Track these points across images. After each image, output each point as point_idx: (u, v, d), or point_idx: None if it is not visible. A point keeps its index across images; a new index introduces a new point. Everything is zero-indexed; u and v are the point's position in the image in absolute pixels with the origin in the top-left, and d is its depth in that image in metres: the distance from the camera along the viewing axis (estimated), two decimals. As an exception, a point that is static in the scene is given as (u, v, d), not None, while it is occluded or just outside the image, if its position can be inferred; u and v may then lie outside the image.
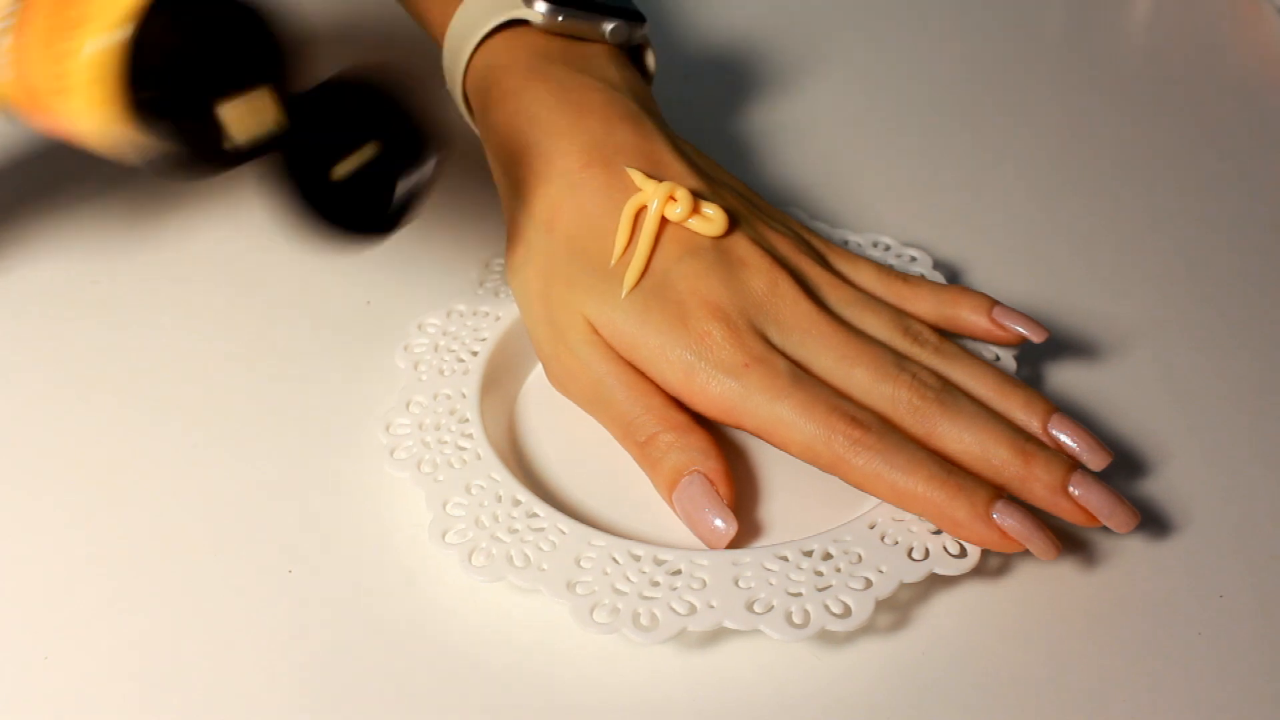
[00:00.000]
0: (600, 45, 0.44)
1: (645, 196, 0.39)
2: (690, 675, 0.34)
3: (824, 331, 0.37)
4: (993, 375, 0.38)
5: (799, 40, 0.62)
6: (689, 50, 0.61)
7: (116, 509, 0.39)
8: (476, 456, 0.38)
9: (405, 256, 0.46)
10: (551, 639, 0.35)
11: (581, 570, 0.35)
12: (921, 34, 0.63)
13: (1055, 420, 0.37)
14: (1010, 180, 0.53)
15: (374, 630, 0.35)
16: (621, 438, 0.39)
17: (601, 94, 0.42)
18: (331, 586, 0.36)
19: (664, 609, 0.34)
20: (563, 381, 0.40)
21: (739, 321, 0.37)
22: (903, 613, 0.36)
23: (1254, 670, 0.34)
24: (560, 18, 0.43)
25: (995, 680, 0.34)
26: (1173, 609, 0.36)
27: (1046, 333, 0.40)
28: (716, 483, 0.37)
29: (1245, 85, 0.58)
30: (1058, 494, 0.35)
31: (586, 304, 0.39)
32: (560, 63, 0.43)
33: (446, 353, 0.42)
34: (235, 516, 0.38)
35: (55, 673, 0.34)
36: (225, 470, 0.40)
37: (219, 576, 0.37)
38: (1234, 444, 0.40)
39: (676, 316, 0.38)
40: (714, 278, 0.38)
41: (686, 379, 0.37)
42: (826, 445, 0.36)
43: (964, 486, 0.35)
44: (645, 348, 0.38)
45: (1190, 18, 0.63)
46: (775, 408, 0.36)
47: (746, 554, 0.35)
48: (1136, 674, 0.34)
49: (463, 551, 0.35)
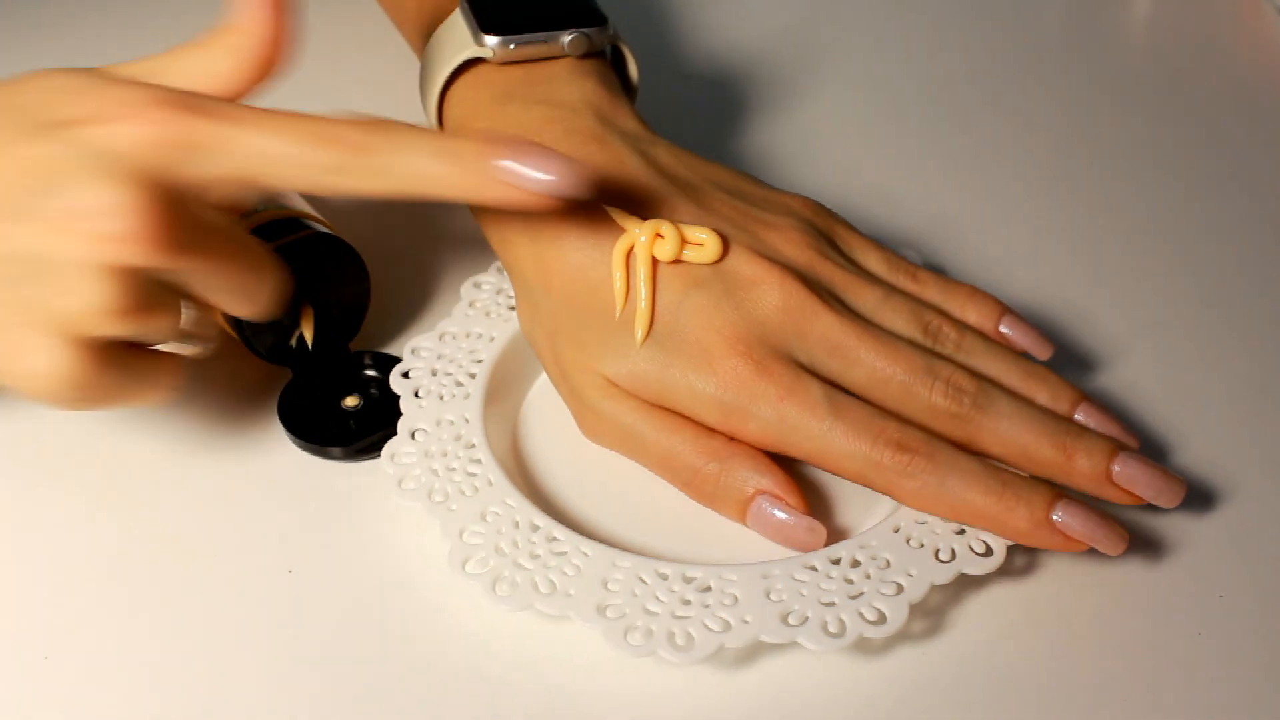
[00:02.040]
0: (562, 62, 0.43)
1: (631, 237, 0.37)
2: (726, 689, 0.34)
3: (849, 344, 0.37)
4: (1017, 365, 0.38)
5: (798, 40, 0.61)
6: (689, 53, 0.60)
7: (116, 509, 0.38)
8: (488, 482, 0.37)
9: (393, 279, 0.45)
10: (579, 661, 0.34)
11: (610, 593, 0.34)
12: (921, 33, 0.63)
13: (1083, 409, 0.37)
14: (1010, 180, 0.53)
15: (399, 664, 0.34)
16: (669, 479, 0.38)
17: (560, 124, 0.40)
18: (347, 619, 0.36)
19: (698, 627, 0.33)
20: (593, 433, 0.39)
21: (762, 351, 0.36)
22: (929, 615, 0.36)
23: (1254, 670, 0.34)
24: (512, 46, 0.42)
25: (998, 679, 0.34)
26: (1172, 609, 0.36)
27: (1051, 349, 0.40)
28: (782, 496, 0.36)
29: (1245, 85, 0.59)
30: (1102, 483, 0.36)
31: (601, 363, 0.38)
32: (518, 99, 0.41)
33: (444, 376, 0.41)
34: (235, 526, 0.38)
35: (55, 673, 0.34)
36: (225, 486, 0.39)
37: (221, 581, 0.37)
38: (1234, 444, 0.40)
39: (700, 359, 0.37)
40: (726, 308, 0.37)
41: (724, 419, 0.37)
42: (877, 471, 0.35)
43: (1021, 495, 0.35)
44: (675, 394, 0.37)
45: (1190, 17, 0.63)
46: (820, 438, 0.36)
47: (776, 566, 0.35)
48: (1136, 674, 0.34)
49: (486, 581, 0.34)
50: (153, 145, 0.32)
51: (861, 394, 0.37)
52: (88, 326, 0.32)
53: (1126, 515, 0.38)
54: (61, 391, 0.33)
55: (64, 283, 0.31)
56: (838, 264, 0.39)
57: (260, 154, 0.32)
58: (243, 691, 0.34)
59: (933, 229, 0.49)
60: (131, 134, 0.32)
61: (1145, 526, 0.38)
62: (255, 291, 0.35)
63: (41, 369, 0.32)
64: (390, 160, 0.33)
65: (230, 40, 0.35)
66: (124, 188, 0.31)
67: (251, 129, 0.32)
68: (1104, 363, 0.44)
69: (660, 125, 0.43)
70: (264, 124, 0.33)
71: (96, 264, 0.31)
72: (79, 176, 0.31)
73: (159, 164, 0.32)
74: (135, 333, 0.33)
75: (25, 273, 0.32)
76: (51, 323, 0.32)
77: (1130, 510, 0.38)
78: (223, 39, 0.35)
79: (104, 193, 0.31)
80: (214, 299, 0.34)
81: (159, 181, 0.31)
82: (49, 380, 0.33)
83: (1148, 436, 0.41)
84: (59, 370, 0.32)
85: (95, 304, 0.32)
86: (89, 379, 0.33)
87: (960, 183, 0.53)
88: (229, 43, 0.35)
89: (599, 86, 0.42)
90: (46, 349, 0.32)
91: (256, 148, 0.32)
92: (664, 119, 0.46)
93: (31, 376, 0.33)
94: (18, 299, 0.32)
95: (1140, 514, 0.38)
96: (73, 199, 0.31)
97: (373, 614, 0.36)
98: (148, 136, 0.32)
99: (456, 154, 0.33)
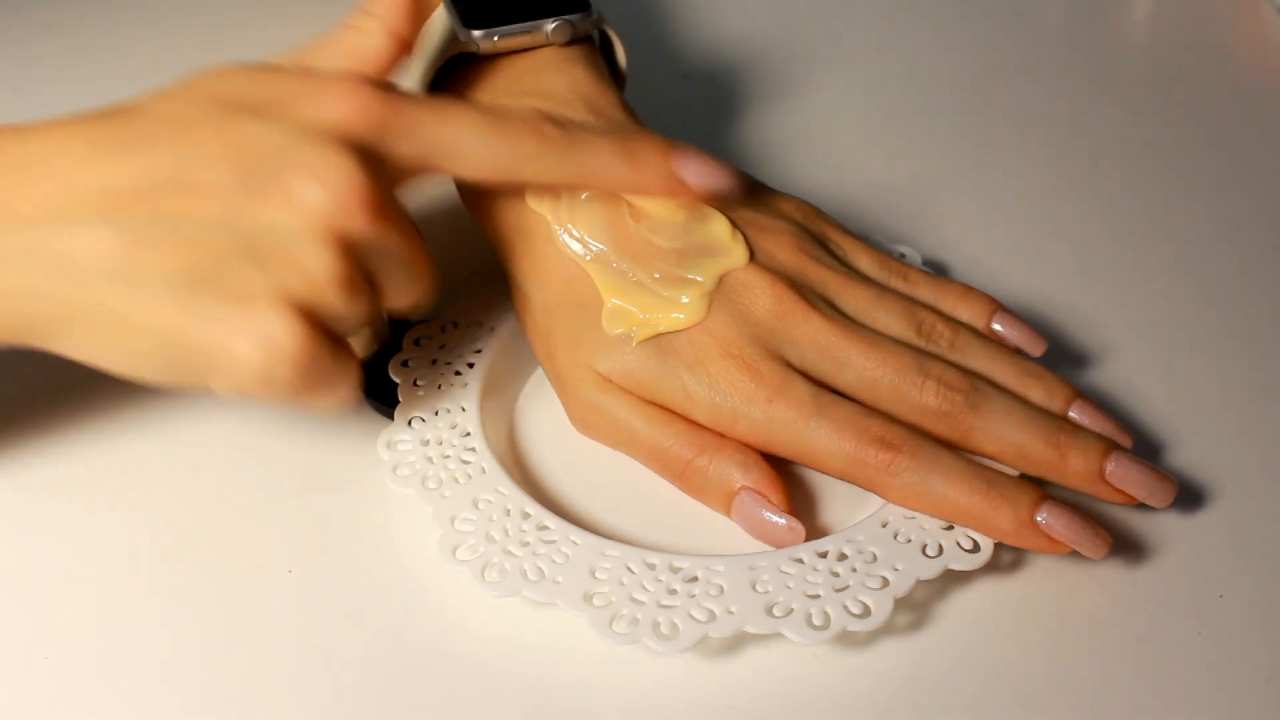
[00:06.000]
0: (548, 51, 0.43)
1: None
2: (710, 679, 0.34)
3: (839, 346, 0.37)
4: (1011, 362, 0.38)
5: (798, 40, 0.61)
6: (685, 49, 0.60)
7: (116, 510, 0.39)
8: (481, 470, 0.38)
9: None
10: (565, 648, 0.35)
11: (597, 581, 0.34)
12: (920, 31, 0.63)
13: (1077, 406, 0.37)
14: (1009, 179, 0.53)
15: (391, 652, 0.35)
16: (660, 472, 0.38)
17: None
18: (338, 606, 0.36)
19: (683, 617, 0.33)
20: (585, 427, 0.39)
21: (753, 354, 0.37)
22: (915, 610, 0.36)
23: (1254, 670, 0.34)
24: (496, 38, 0.42)
25: (995, 679, 0.34)
26: (1173, 609, 0.36)
27: (1045, 344, 0.40)
28: (765, 492, 0.36)
29: (1245, 85, 0.58)
30: (1096, 483, 0.36)
31: (594, 358, 0.38)
32: (507, 92, 0.42)
33: (444, 366, 0.41)
34: (238, 524, 0.38)
35: (55, 673, 0.34)
36: (227, 480, 0.39)
37: (222, 582, 0.37)
38: (1233, 444, 0.40)
39: (693, 359, 0.37)
40: (719, 312, 0.37)
41: (715, 418, 0.37)
42: (861, 469, 0.36)
43: (1006, 495, 0.35)
44: (668, 392, 0.37)
45: (1190, 17, 0.63)
46: (805, 437, 0.36)
47: (762, 557, 0.35)
48: (1136, 674, 0.34)
49: (475, 567, 0.35)
50: (358, 121, 0.33)
51: (854, 396, 0.37)
52: (315, 297, 0.33)
53: (1120, 513, 0.38)
54: (281, 370, 0.32)
55: (292, 254, 0.32)
56: (829, 266, 0.39)
57: (455, 139, 0.35)
58: (243, 690, 0.34)
59: (930, 227, 0.49)
60: (338, 109, 0.33)
61: (1139, 524, 0.38)
62: (424, 276, 0.36)
63: (267, 343, 0.32)
64: (583, 157, 0.36)
65: (371, 23, 0.38)
66: (340, 157, 0.32)
67: (447, 115, 0.35)
68: (1103, 362, 0.44)
69: (655, 121, 0.43)
70: (456, 111, 0.35)
71: (324, 232, 0.32)
72: (297, 150, 0.32)
73: (363, 139, 0.33)
74: (347, 311, 0.34)
75: (253, 247, 0.32)
76: (280, 294, 0.32)
77: (1123, 508, 0.38)
78: (364, 22, 0.38)
79: (325, 163, 0.32)
80: (391, 282, 0.35)
81: (366, 154, 0.33)
82: (272, 356, 0.32)
83: (1143, 433, 0.41)
84: (285, 344, 0.32)
85: (323, 273, 0.32)
86: (308, 358, 0.33)
87: (958, 181, 0.53)
88: (370, 25, 0.38)
89: (587, 75, 0.42)
90: (275, 322, 0.32)
91: (452, 133, 0.35)
92: (659, 114, 0.46)
93: (253, 355, 0.32)
94: (245, 274, 0.32)
95: (1133, 512, 0.38)
96: (295, 171, 0.32)
97: (364, 598, 0.36)
98: (353, 112, 0.33)
99: (642, 159, 0.37)
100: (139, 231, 0.32)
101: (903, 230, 0.48)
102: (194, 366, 0.33)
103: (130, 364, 0.34)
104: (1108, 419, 0.37)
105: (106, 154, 0.32)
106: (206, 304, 0.32)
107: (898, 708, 0.33)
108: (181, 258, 0.32)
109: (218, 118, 0.33)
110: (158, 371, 0.34)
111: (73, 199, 0.32)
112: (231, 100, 0.34)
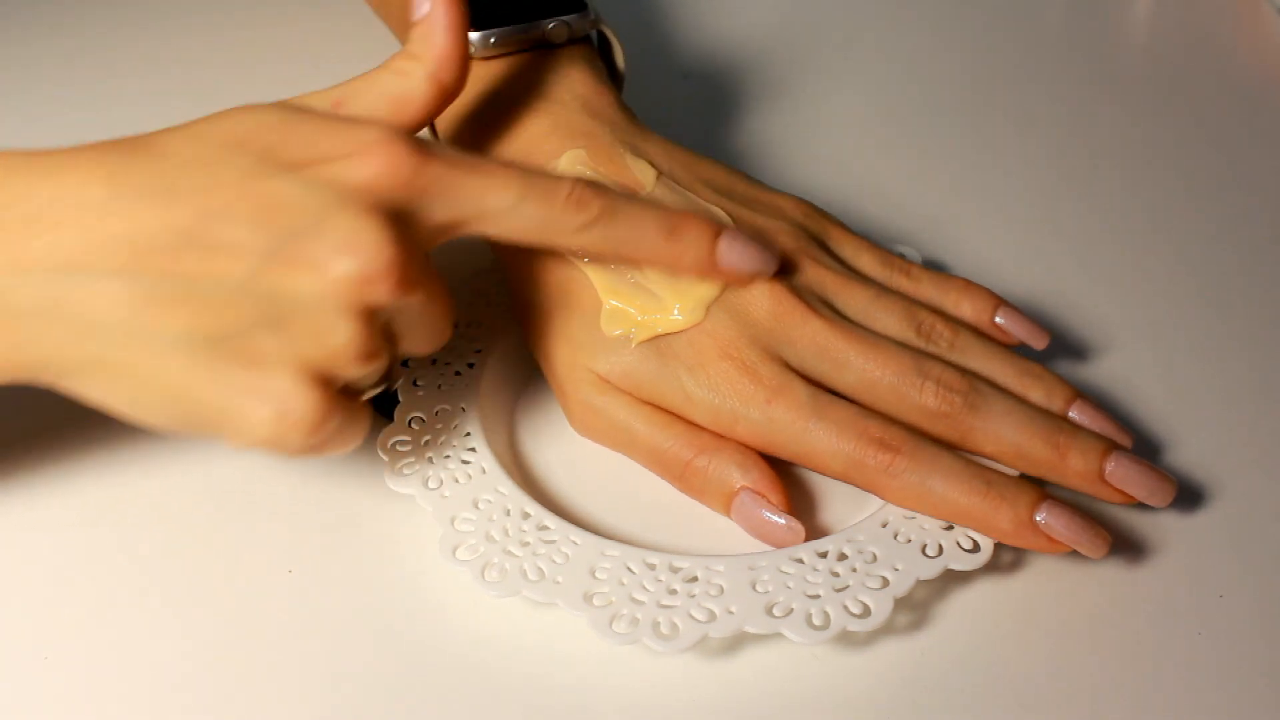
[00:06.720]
0: (545, 52, 0.42)
1: None
2: (710, 679, 0.34)
3: (838, 347, 0.37)
4: (1011, 363, 0.38)
5: (798, 40, 0.61)
6: (685, 48, 0.60)
7: (116, 510, 0.39)
8: (481, 470, 0.38)
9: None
10: (565, 648, 0.35)
11: (597, 581, 0.34)
12: (920, 30, 0.63)
13: (1077, 406, 0.37)
14: (1009, 179, 0.53)
15: (391, 652, 0.35)
16: (660, 473, 0.38)
17: (548, 117, 0.40)
18: (339, 606, 0.36)
19: (683, 617, 0.33)
20: (584, 428, 0.39)
21: (751, 355, 0.37)
22: (915, 610, 0.36)
23: (1254, 670, 0.34)
24: (493, 40, 0.42)
25: (995, 679, 0.34)
26: (1173, 609, 0.36)
27: (1047, 338, 0.40)
28: (765, 492, 0.36)
29: (1245, 85, 0.58)
30: (1095, 483, 0.36)
31: (595, 362, 0.38)
32: (504, 95, 0.41)
33: (444, 366, 0.41)
34: (238, 524, 0.38)
35: (55, 673, 0.34)
36: (227, 480, 0.39)
37: (222, 582, 0.37)
38: (1233, 444, 0.40)
39: (692, 361, 0.37)
40: (718, 313, 0.37)
41: (714, 420, 0.37)
42: (860, 470, 0.36)
43: (1005, 495, 0.35)
44: (667, 393, 0.37)
45: (1190, 17, 0.63)
46: (804, 438, 0.36)
47: (762, 557, 0.35)
48: (1136, 674, 0.34)
49: (475, 567, 0.35)
50: (390, 183, 0.32)
51: (853, 397, 0.37)
52: (335, 368, 0.32)
53: (1120, 513, 0.38)
54: (293, 436, 0.32)
55: (315, 324, 0.31)
56: (829, 266, 0.39)
57: (493, 204, 0.33)
58: (243, 690, 0.34)
59: (930, 226, 0.49)
60: (369, 171, 0.32)
61: (1139, 524, 0.38)
62: (444, 327, 0.35)
63: (281, 409, 0.31)
64: (624, 232, 0.35)
65: (413, 66, 0.36)
66: (371, 225, 0.31)
67: (484, 178, 0.33)
68: (1102, 362, 0.44)
69: (655, 121, 0.43)
70: (493, 174, 0.34)
71: (349, 305, 0.31)
72: (326, 216, 0.31)
73: (395, 202, 0.32)
74: (364, 377, 0.33)
75: (274, 313, 0.31)
76: (298, 362, 0.31)
77: (1123, 508, 0.38)
78: (406, 64, 0.36)
79: (355, 232, 0.31)
80: (411, 334, 0.34)
81: (397, 219, 0.32)
82: (285, 421, 0.31)
83: (1143, 433, 0.41)
84: (298, 410, 0.31)
85: (344, 345, 0.31)
86: (323, 423, 0.32)
87: (958, 180, 0.53)
88: (411, 68, 0.35)
89: (585, 76, 0.42)
90: (289, 389, 0.31)
91: (489, 198, 0.33)
92: (659, 114, 0.46)
93: (266, 419, 0.31)
94: (263, 339, 0.31)
95: (1133, 512, 0.38)
96: (323, 240, 0.31)
97: (364, 599, 0.36)
98: (387, 173, 0.32)
99: (683, 237, 0.36)
100: (155, 288, 0.31)
101: (903, 230, 0.49)
102: (204, 422, 0.32)
103: (139, 413, 0.33)
104: (1107, 419, 0.37)
105: (125, 201, 0.31)
106: (221, 366, 0.31)
107: (898, 708, 0.34)
108: (198, 318, 0.31)
109: (244, 171, 0.31)
110: (167, 422, 0.33)
111: (89, 248, 0.31)
112: (259, 149, 0.32)
